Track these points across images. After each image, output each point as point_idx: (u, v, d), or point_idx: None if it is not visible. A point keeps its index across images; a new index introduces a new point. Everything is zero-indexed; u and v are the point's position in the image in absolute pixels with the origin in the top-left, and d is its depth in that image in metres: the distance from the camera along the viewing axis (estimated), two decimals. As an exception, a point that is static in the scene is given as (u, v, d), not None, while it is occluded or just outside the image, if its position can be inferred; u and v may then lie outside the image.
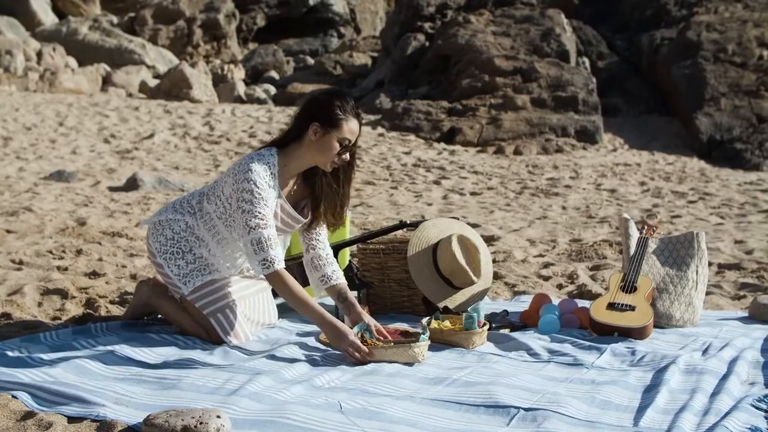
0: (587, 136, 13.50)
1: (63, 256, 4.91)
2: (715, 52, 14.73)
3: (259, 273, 2.98)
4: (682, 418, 2.28)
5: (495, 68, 14.54)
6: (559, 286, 4.55)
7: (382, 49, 18.94)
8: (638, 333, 3.24)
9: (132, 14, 22.70)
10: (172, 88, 16.63)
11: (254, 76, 20.41)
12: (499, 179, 10.37)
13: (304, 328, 3.38)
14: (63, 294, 3.91)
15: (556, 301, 3.69)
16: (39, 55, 18.30)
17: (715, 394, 2.52)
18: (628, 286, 3.48)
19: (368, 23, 26.24)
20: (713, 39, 14.98)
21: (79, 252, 5.01)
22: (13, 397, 2.40)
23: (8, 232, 5.62)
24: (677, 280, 3.60)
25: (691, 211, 8.01)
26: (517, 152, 12.80)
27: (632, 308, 3.34)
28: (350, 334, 2.89)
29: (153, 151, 11.22)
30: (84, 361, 2.69)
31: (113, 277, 4.43)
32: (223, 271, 3.22)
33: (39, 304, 3.78)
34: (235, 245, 3.16)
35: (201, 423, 2.07)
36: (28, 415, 2.27)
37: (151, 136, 12.01)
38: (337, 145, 3.04)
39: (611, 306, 3.37)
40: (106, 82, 17.86)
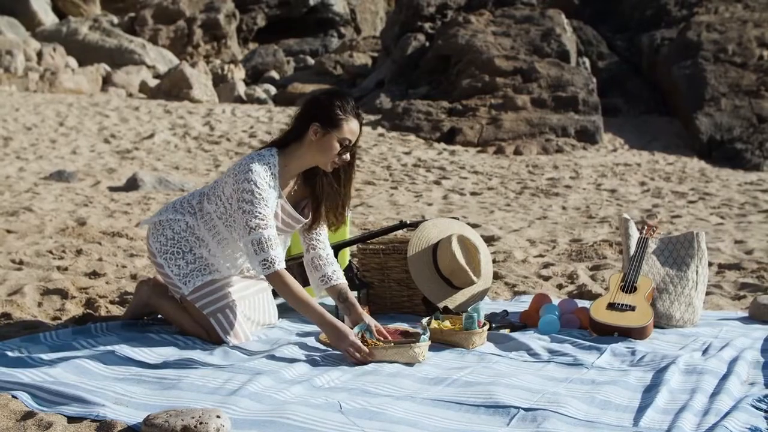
0: (587, 136, 13.51)
1: (63, 256, 4.91)
2: (716, 52, 14.72)
3: (260, 273, 2.98)
4: (682, 418, 2.28)
5: (495, 68, 14.54)
6: (559, 286, 4.55)
7: (382, 49, 18.93)
8: (638, 333, 3.24)
9: (132, 14, 22.70)
10: (172, 88, 16.63)
11: (254, 76, 20.41)
12: (499, 179, 10.37)
13: (304, 328, 3.38)
14: (63, 294, 3.91)
15: (556, 301, 3.69)
16: (39, 55, 18.30)
17: (715, 394, 2.52)
18: (628, 286, 3.48)
19: (368, 23, 26.24)
20: (713, 39, 14.97)
21: (79, 252, 5.01)
22: (13, 397, 2.40)
23: (8, 232, 5.62)
24: (677, 280, 3.60)
25: (691, 211, 8.01)
26: (517, 152, 12.80)
27: (632, 308, 3.34)
28: (351, 334, 2.89)
29: (153, 151, 11.22)
30: (84, 361, 2.69)
31: (113, 277, 4.43)
32: (223, 272, 3.22)
33: (39, 304, 3.78)
34: (236, 245, 3.16)
35: (201, 423, 2.07)
36: (28, 415, 2.27)
37: (152, 136, 12.01)
38: (338, 146, 3.04)
39: (611, 306, 3.37)
40: (107, 82, 17.86)
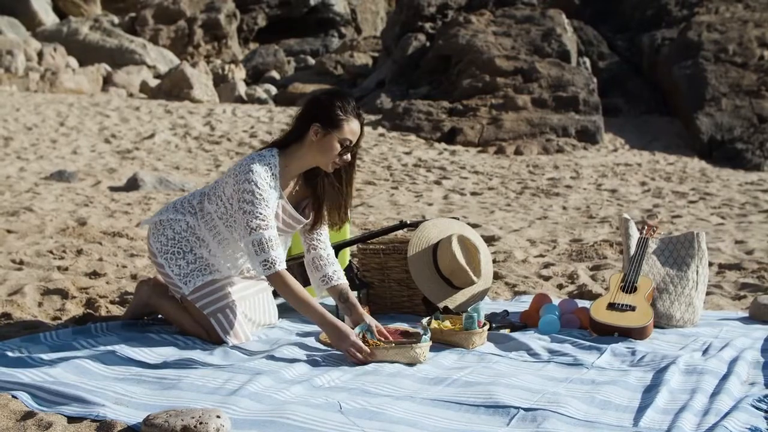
0: (588, 136, 13.50)
1: (63, 256, 4.92)
2: (716, 52, 14.72)
3: (261, 274, 2.98)
4: (682, 418, 2.28)
5: (496, 68, 14.54)
6: (560, 286, 4.55)
7: (382, 49, 18.94)
8: (638, 333, 3.24)
9: (133, 14, 22.71)
10: (172, 88, 16.63)
11: (255, 76, 20.41)
12: (499, 179, 10.37)
13: (304, 329, 3.38)
14: (63, 294, 3.91)
15: (556, 301, 3.69)
16: (40, 55, 18.31)
17: (715, 394, 2.52)
18: (629, 286, 3.48)
19: (369, 23, 26.24)
20: (714, 39, 14.97)
21: (79, 252, 5.01)
22: (13, 397, 2.40)
23: (9, 232, 5.62)
24: (677, 281, 3.60)
25: (691, 211, 8.01)
26: (517, 152, 12.80)
27: (632, 308, 3.34)
28: (352, 334, 2.89)
29: (154, 151, 11.22)
30: (84, 361, 2.69)
31: (113, 277, 4.43)
32: (223, 272, 3.22)
33: (39, 304, 3.78)
34: (236, 245, 3.16)
35: (201, 423, 2.07)
36: (28, 415, 2.27)
37: (152, 136, 12.01)
38: (338, 146, 3.03)
39: (611, 306, 3.37)
40: (107, 82, 17.87)
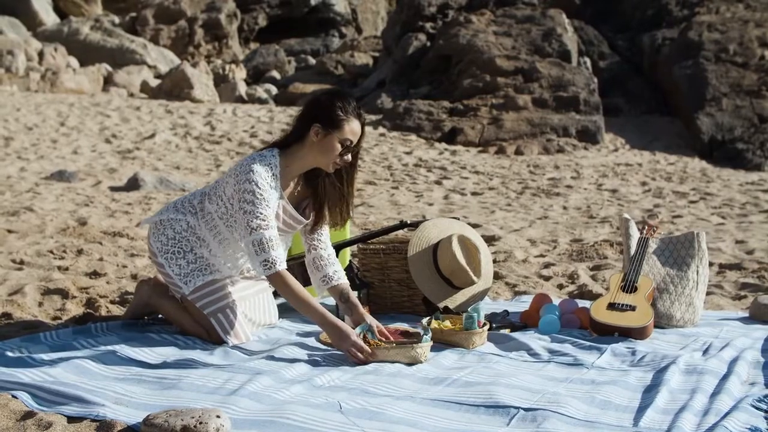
0: (588, 136, 13.50)
1: (64, 255, 4.92)
2: (717, 52, 14.72)
3: (261, 274, 2.98)
4: (682, 418, 2.28)
5: (496, 68, 14.54)
6: (560, 286, 4.55)
7: (383, 49, 18.94)
8: (638, 333, 3.24)
9: (133, 14, 22.72)
10: (173, 88, 16.63)
11: (256, 76, 20.42)
12: (500, 179, 10.37)
13: (304, 328, 3.38)
14: (63, 294, 3.91)
15: (556, 301, 3.69)
16: (40, 55, 18.32)
17: (715, 394, 2.52)
18: (629, 286, 3.48)
19: (370, 23, 26.25)
20: (715, 39, 14.97)
21: (79, 252, 5.01)
22: (13, 396, 2.40)
23: (9, 231, 5.62)
24: (678, 280, 3.60)
25: (692, 211, 8.01)
26: (518, 152, 12.80)
27: (633, 308, 3.34)
28: (352, 334, 2.89)
29: (154, 151, 11.22)
30: (84, 361, 2.69)
31: (114, 277, 4.43)
32: (224, 272, 3.22)
33: (39, 304, 3.78)
34: (237, 245, 3.16)
35: (200, 423, 2.07)
36: (28, 415, 2.27)
37: (153, 136, 12.01)
38: (339, 146, 3.03)
39: (612, 306, 3.36)
40: (108, 82, 17.88)
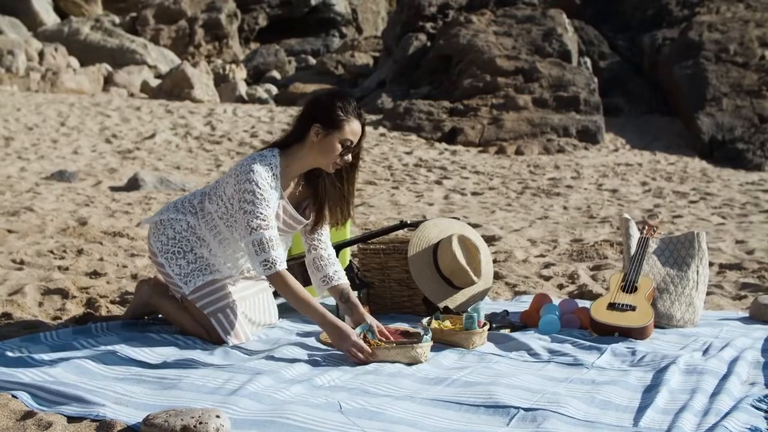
0: (589, 136, 13.50)
1: (64, 255, 4.92)
2: (717, 52, 14.72)
3: (261, 274, 2.97)
4: (682, 418, 2.28)
5: (496, 68, 14.54)
6: (560, 286, 4.55)
7: (383, 49, 18.94)
8: (639, 333, 3.24)
9: (134, 14, 22.72)
10: (173, 88, 16.63)
11: (256, 76, 20.42)
12: (500, 179, 10.37)
13: (304, 328, 3.38)
14: (64, 294, 3.91)
15: (556, 301, 3.69)
16: (41, 55, 18.32)
17: (715, 394, 2.52)
18: (629, 286, 3.48)
19: (370, 23, 26.25)
20: (715, 39, 14.96)
21: (80, 252, 5.01)
22: (13, 396, 2.40)
23: (9, 231, 5.63)
24: (678, 280, 3.60)
25: (692, 211, 8.01)
26: (518, 152, 12.80)
27: (633, 308, 3.34)
28: (353, 334, 2.89)
29: (154, 151, 11.22)
30: (84, 361, 2.69)
31: (114, 277, 4.43)
32: (224, 271, 3.22)
33: (40, 304, 3.78)
34: (237, 245, 3.16)
35: (200, 423, 2.07)
36: (28, 415, 2.27)
37: (153, 136, 12.01)
38: (339, 147, 3.03)
39: (612, 306, 3.36)
40: (108, 82, 17.88)
